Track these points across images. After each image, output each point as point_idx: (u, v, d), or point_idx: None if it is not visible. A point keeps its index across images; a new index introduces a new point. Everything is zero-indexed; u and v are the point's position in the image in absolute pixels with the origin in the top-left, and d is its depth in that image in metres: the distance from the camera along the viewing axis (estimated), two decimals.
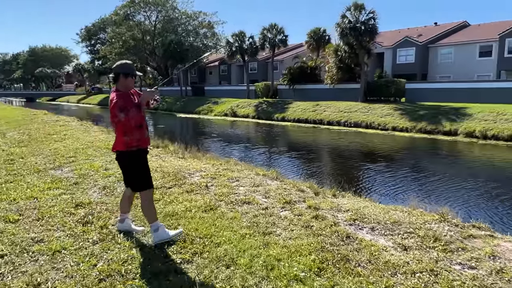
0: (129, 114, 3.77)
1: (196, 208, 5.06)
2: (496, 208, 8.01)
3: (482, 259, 3.41)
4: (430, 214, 4.63)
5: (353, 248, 3.77)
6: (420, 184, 10.09)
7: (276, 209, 5.00)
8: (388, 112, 25.17)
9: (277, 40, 37.66)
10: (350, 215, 4.63)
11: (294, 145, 19.01)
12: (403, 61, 36.70)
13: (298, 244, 3.89)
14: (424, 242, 3.81)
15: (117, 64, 4.06)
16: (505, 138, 18.42)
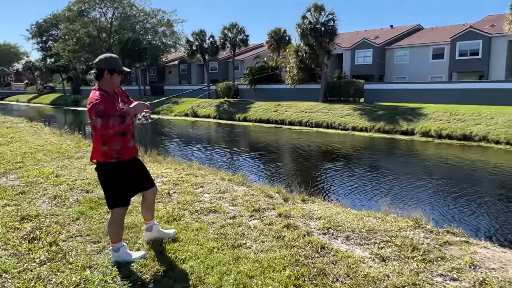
0: (108, 123, 3.20)
1: (158, 219, 4.65)
2: (456, 206, 8.12)
3: (463, 270, 3.27)
4: (404, 220, 4.49)
5: (329, 261, 3.53)
6: (384, 185, 10.12)
7: (244, 218, 4.69)
8: (348, 112, 25.53)
9: (238, 40, 37.37)
10: (323, 223, 4.40)
11: (257, 146, 18.79)
12: (361, 62, 37.49)
13: (271, 258, 3.60)
14: (402, 251, 3.64)
15: (100, 59, 3.46)
16: (458, 137, 19.12)
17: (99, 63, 3.43)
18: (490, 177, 11.92)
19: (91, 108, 3.25)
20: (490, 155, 15.73)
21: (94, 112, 3.21)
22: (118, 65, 3.50)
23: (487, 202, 8.53)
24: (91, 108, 3.25)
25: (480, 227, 6.97)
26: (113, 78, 3.45)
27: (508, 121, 18.80)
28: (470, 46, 30.82)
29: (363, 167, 12.78)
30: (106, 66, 3.41)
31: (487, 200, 8.66)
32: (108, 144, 3.40)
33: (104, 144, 3.40)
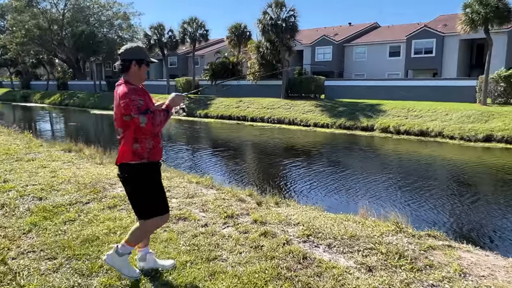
0: (155, 119, 2.87)
1: (122, 229, 4.23)
2: (423, 201, 8.20)
3: (454, 279, 3.13)
4: (384, 223, 4.33)
5: (314, 273, 3.28)
6: (350, 182, 10.09)
7: (217, 225, 4.36)
8: (309, 109, 25.64)
9: (198, 35, 36.64)
10: (302, 230, 4.15)
11: (220, 143, 18.40)
12: (321, 58, 37.89)
13: (250, 272, 3.29)
14: (389, 259, 3.45)
15: (126, 49, 3.07)
16: (416, 133, 19.65)
17: (125, 54, 3.04)
18: (445, 171, 12.24)
19: (128, 104, 2.86)
20: (445, 150, 16.25)
21: (136, 109, 2.85)
22: (145, 55, 3.13)
23: (443, 195, 8.68)
24: (129, 105, 2.86)
25: (442, 221, 7.03)
26: (141, 70, 3.08)
27: (461, 117, 19.55)
28: (424, 44, 31.90)
29: (327, 164, 12.76)
30: (133, 56, 3.04)
31: (443, 194, 8.82)
32: (141, 142, 3.00)
33: (136, 142, 2.99)
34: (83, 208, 4.93)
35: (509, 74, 21.15)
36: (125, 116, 2.92)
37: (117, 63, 3.07)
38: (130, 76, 3.04)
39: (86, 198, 5.30)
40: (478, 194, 9.20)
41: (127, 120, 2.93)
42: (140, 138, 2.99)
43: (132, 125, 2.94)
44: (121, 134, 3.04)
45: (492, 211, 7.75)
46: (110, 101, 40.10)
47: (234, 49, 37.49)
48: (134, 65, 3.03)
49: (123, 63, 3.03)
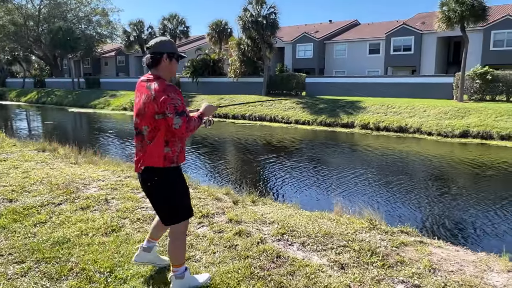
0: (190, 124, 2.73)
1: (94, 231, 4.16)
2: (399, 196, 8.33)
3: (423, 274, 3.17)
4: (358, 220, 4.37)
5: (287, 272, 3.28)
6: (329, 178, 10.18)
7: (192, 225, 4.32)
8: (290, 106, 25.72)
9: (178, 31, 36.31)
10: (277, 228, 4.15)
11: (200, 141, 18.29)
12: (302, 56, 38.04)
13: (223, 272, 3.28)
14: (361, 257, 3.48)
15: (156, 42, 2.90)
16: (395, 129, 19.96)
17: (155, 47, 2.87)
18: (422, 167, 12.47)
19: (165, 102, 2.67)
20: (423, 146, 16.54)
21: (173, 108, 2.67)
22: (176, 49, 2.97)
23: (418, 191, 8.84)
24: (166, 102, 2.67)
25: (417, 217, 7.16)
26: (172, 64, 2.91)
27: (439, 113, 19.93)
28: (403, 42, 32.36)
29: (307, 161, 12.83)
30: (164, 49, 2.87)
31: (418, 190, 8.98)
32: (172, 145, 2.84)
33: (167, 145, 2.83)
34: (55, 209, 4.82)
35: (484, 71, 21.65)
36: (158, 114, 2.73)
37: (146, 57, 2.89)
38: (160, 71, 2.87)
39: (58, 199, 5.18)
40: (453, 189, 9.40)
41: (159, 119, 2.74)
42: (171, 141, 2.84)
43: (162, 125, 2.76)
44: (147, 133, 2.82)
45: (466, 206, 7.92)
46: (89, 99, 39.32)
47: (215, 46, 37.30)
48: (165, 59, 2.87)
49: (153, 57, 2.85)
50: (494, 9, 27.59)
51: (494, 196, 8.55)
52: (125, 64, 53.19)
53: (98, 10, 50.19)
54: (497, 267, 3.41)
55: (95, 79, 47.43)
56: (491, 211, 7.50)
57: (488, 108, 19.42)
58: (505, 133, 17.01)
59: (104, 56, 55.88)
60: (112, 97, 36.91)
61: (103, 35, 49.80)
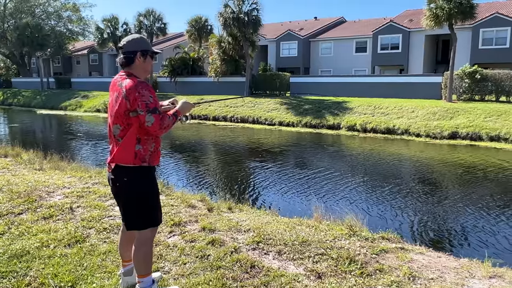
0: (163, 122, 2.75)
1: (56, 242, 4.07)
2: (383, 201, 8.43)
3: (403, 283, 3.20)
4: (338, 227, 4.39)
5: (260, 282, 3.27)
6: (312, 183, 10.22)
7: (162, 234, 4.28)
8: (274, 107, 25.80)
9: (155, 28, 36.04)
10: (252, 237, 4.13)
11: (177, 144, 18.17)
12: (287, 54, 38.23)
13: (194, 284, 3.25)
14: (339, 265, 3.49)
15: (128, 40, 2.92)
16: (382, 131, 20.20)
17: (128, 46, 2.90)
18: (409, 170, 12.65)
19: (136, 99, 2.71)
20: (411, 147, 16.78)
21: (144, 106, 2.70)
22: (149, 45, 3.01)
23: (403, 195, 8.96)
24: (137, 100, 2.71)
25: (400, 222, 7.25)
26: (147, 62, 2.95)
27: (427, 114, 20.26)
28: (391, 40, 32.83)
29: (291, 165, 12.87)
30: (137, 47, 2.89)
31: (403, 193, 9.10)
32: (144, 143, 2.85)
33: (139, 142, 2.83)
34: (15, 219, 4.71)
35: (473, 70, 22.11)
36: (130, 112, 2.75)
37: (120, 57, 2.92)
38: (134, 69, 2.90)
39: (18, 208, 5.07)
40: (439, 193, 9.54)
41: (132, 116, 2.76)
42: (143, 139, 2.85)
43: (135, 123, 2.78)
44: (118, 132, 2.84)
45: (451, 210, 8.05)
46: (59, 100, 38.72)
47: (194, 44, 37.19)
48: (139, 57, 2.90)
49: (126, 56, 2.88)
50: (482, 7, 28.29)
51: (481, 200, 8.71)
52: (98, 63, 52.55)
53: (68, 5, 49.54)
54: (479, 273, 3.46)
55: (66, 78, 46.72)
56: (476, 216, 7.64)
57: (477, 108, 19.83)
58: (494, 134, 17.38)
59: (76, 55, 55.10)
60: (84, 98, 36.40)
61: (74, 32, 49.14)
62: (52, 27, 47.23)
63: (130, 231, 3.04)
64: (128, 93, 2.73)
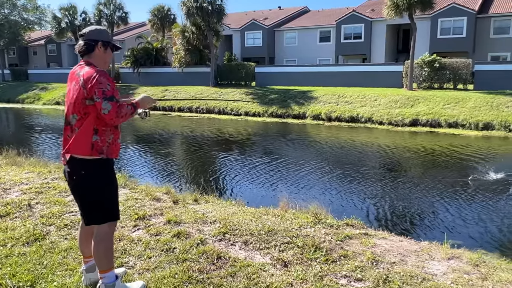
0: (121, 110, 2.68)
1: (14, 241, 3.91)
2: (348, 188, 8.60)
3: (366, 267, 3.28)
4: (303, 215, 4.44)
5: (227, 273, 3.26)
6: (279, 172, 10.29)
7: (126, 229, 4.19)
8: (240, 97, 25.75)
9: (116, 17, 35.02)
10: (218, 228, 4.11)
11: (142, 136, 17.85)
12: (251, 44, 38.09)
13: (159, 278, 3.20)
14: (304, 253, 3.53)
15: (91, 29, 2.88)
16: (347, 119, 20.56)
17: (89, 34, 2.85)
18: (372, 157, 12.97)
19: (93, 87, 2.64)
20: (375, 135, 17.19)
21: (101, 93, 2.63)
22: (111, 39, 2.99)
23: (367, 181, 9.19)
24: (93, 87, 2.64)
25: (365, 208, 7.43)
26: (107, 53, 2.92)
27: (389, 102, 20.78)
28: (353, 29, 33.29)
29: (258, 155, 12.91)
30: (99, 37, 2.86)
31: (367, 180, 9.33)
32: (101, 134, 2.77)
33: (96, 133, 2.75)
34: None
35: (432, 59, 22.79)
36: (88, 100, 2.68)
37: (79, 44, 2.86)
38: (94, 59, 2.85)
39: None
40: (402, 179, 9.83)
41: (89, 104, 2.69)
42: (101, 130, 2.77)
43: (92, 112, 2.70)
44: (75, 122, 2.76)
45: (413, 195, 8.31)
46: (16, 93, 37.15)
47: (157, 34, 36.49)
48: (100, 47, 2.85)
49: (87, 43, 2.83)
50: None
51: (441, 185, 9.03)
52: (56, 53, 50.62)
53: None
54: (438, 255, 3.59)
55: (22, 70, 44.74)
56: (437, 199, 7.93)
57: (436, 96, 20.51)
58: (452, 121, 18.06)
59: (33, 45, 52.85)
60: (42, 90, 35.05)
61: (30, 21, 46.89)
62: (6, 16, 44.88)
63: (89, 226, 2.96)
64: (86, 81, 2.68)
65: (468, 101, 19.33)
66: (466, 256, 3.57)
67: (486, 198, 7.89)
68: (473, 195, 8.10)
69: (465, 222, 6.56)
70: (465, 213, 7.06)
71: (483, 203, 7.60)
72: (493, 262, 3.50)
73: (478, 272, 3.26)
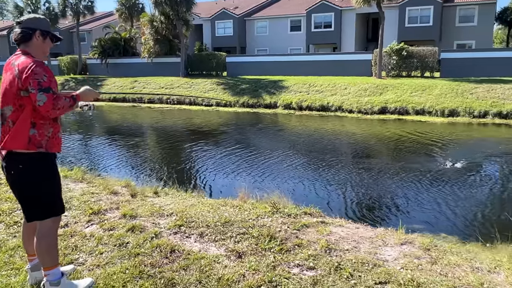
0: (58, 102, 2.55)
1: None
2: (311, 177, 8.65)
3: (319, 256, 3.28)
4: (262, 205, 4.42)
5: (180, 266, 3.21)
6: (246, 162, 10.25)
7: (79, 225, 4.07)
8: (211, 87, 25.51)
9: (82, 7, 34.00)
10: (174, 221, 4.05)
11: (110, 129, 17.47)
12: (222, 33, 37.73)
13: (109, 274, 3.12)
14: (259, 243, 3.51)
15: (30, 17, 2.77)
16: (317, 108, 20.67)
17: (27, 22, 2.73)
18: (342, 146, 13.10)
19: (28, 77, 2.53)
20: (344, 124, 17.37)
21: (36, 84, 2.52)
22: (50, 29, 2.85)
23: (333, 169, 9.27)
24: (29, 78, 2.53)
25: (327, 196, 7.48)
26: (46, 43, 2.79)
27: (359, 90, 20.99)
28: (324, 18, 33.39)
29: (225, 145, 12.82)
30: (37, 26, 2.73)
31: (333, 167, 9.42)
32: (39, 128, 2.66)
33: (33, 126, 2.64)
34: None
35: (400, 47, 23.13)
36: (23, 91, 2.57)
37: (15, 31, 2.74)
38: (31, 48, 2.72)
39: None
40: (364, 165, 9.94)
41: (24, 96, 2.58)
42: (39, 123, 2.65)
43: (28, 104, 2.59)
44: (10, 113, 2.64)
45: (374, 181, 8.41)
46: None
47: (125, 24, 35.70)
48: (38, 36, 2.73)
49: (24, 31, 2.70)
50: None
51: (402, 171, 9.16)
52: None
53: None
54: (392, 241, 3.63)
55: None
56: (398, 185, 8.05)
57: (404, 84, 20.85)
58: (419, 108, 18.41)
59: None
60: None
61: None
62: None
63: (31, 222, 2.85)
64: (21, 71, 2.58)
65: (435, 88, 19.74)
66: (419, 241, 3.63)
67: (444, 182, 8.06)
68: (432, 180, 8.25)
69: (421, 207, 6.66)
70: (422, 198, 7.14)
71: (440, 187, 7.74)
72: (444, 246, 3.57)
73: (428, 256, 3.32)
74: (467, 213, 6.38)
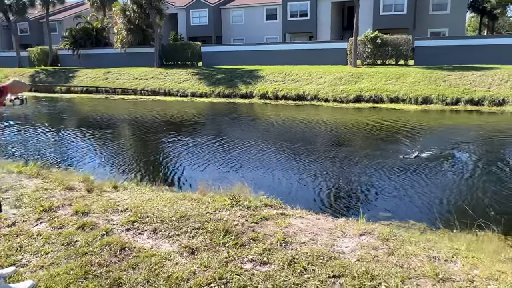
0: None
1: None
2: (280, 167, 8.55)
3: (274, 250, 3.17)
4: (221, 198, 4.28)
5: (128, 265, 3.05)
6: (217, 153, 10.08)
7: (28, 223, 3.86)
8: (186, 78, 25.13)
9: None
10: (128, 217, 3.88)
11: (80, 122, 17.01)
12: (197, 23, 37.15)
13: (52, 275, 2.95)
14: (214, 238, 3.38)
15: None
16: (293, 97, 20.60)
17: None
18: (316, 135, 13.05)
19: None
20: (320, 112, 17.33)
21: None
22: None
23: (304, 158, 9.20)
24: None
25: (293, 186, 7.39)
26: None
27: (334, 79, 20.98)
28: (299, 7, 33.17)
29: (197, 136, 12.60)
30: None
31: (304, 156, 9.35)
32: None
33: None
34: None
35: (374, 36, 23.18)
36: None
37: None
38: None
39: None
40: (333, 153, 9.89)
41: None
42: None
43: None
44: None
45: (341, 170, 8.35)
46: None
47: (97, 13, 34.75)
48: None
49: None
50: None
51: (367, 159, 9.12)
52: None
53: None
54: (351, 232, 3.56)
55: None
56: (364, 174, 7.98)
57: (379, 72, 20.93)
58: (394, 96, 18.53)
59: None
60: None
61: None
62: None
63: None
64: None
65: (409, 76, 19.88)
66: (378, 231, 3.56)
67: (410, 171, 8.03)
68: (397, 168, 8.21)
69: (384, 196, 6.59)
70: (385, 186, 7.08)
71: (407, 175, 7.72)
72: (404, 236, 3.51)
73: (386, 247, 3.25)
74: (430, 200, 6.32)
